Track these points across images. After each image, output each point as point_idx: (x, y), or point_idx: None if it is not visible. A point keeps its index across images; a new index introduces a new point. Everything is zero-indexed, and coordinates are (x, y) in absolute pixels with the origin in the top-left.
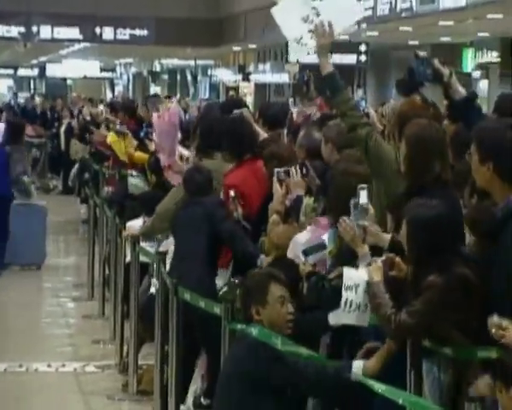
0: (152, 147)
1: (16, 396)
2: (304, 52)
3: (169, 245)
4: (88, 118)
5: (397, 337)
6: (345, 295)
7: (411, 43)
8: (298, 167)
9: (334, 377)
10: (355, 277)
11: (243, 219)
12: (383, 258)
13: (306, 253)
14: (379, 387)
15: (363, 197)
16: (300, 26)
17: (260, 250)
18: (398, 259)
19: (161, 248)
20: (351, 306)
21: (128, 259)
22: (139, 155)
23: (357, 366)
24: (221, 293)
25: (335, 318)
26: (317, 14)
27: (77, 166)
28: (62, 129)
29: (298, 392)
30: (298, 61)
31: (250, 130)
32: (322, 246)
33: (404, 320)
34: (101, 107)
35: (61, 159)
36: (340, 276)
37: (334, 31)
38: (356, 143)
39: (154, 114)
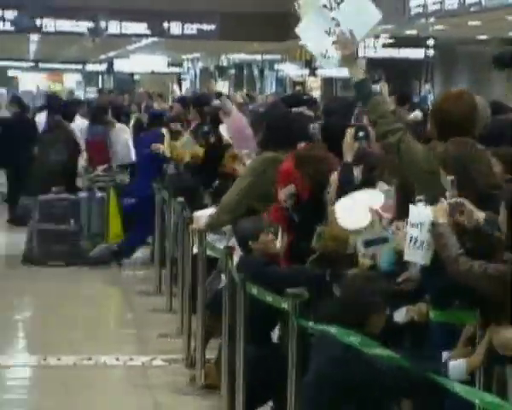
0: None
1: (85, 389)
2: (331, 65)
3: None
4: None
5: (461, 280)
6: (410, 231)
7: (479, 37)
8: None
9: (420, 378)
10: (421, 214)
11: (292, 210)
12: (451, 200)
13: (367, 244)
14: (456, 386)
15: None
16: (325, 40)
17: (316, 240)
18: (469, 206)
19: (230, 243)
20: (415, 243)
21: (195, 251)
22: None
23: (457, 365)
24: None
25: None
26: (337, 25)
27: None
28: (131, 124)
29: (382, 393)
30: (365, 56)
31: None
32: (384, 239)
33: (482, 268)
34: (170, 102)
35: None
36: (408, 280)
37: (356, 38)
38: (388, 150)
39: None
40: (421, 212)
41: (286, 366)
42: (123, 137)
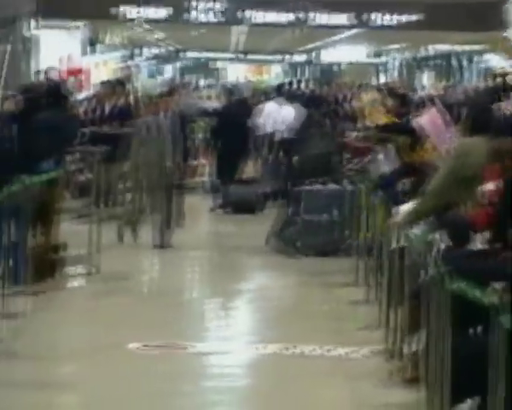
0: None
1: (285, 378)
2: None
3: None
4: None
5: None
6: None
7: None
8: None
9: None
10: None
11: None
12: None
13: None
14: None
15: None
16: None
17: None
18: None
19: (433, 236)
20: None
21: (393, 245)
22: None
23: None
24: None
25: None
26: None
27: None
28: None
29: None
30: None
31: None
32: None
33: None
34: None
35: None
36: None
37: None
38: None
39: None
40: None
41: (491, 362)
42: None
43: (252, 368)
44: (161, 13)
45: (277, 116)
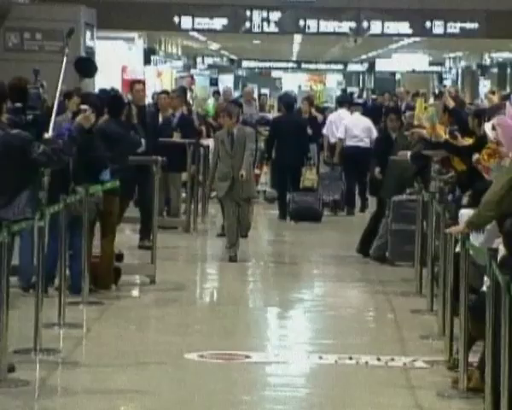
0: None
1: (346, 388)
2: None
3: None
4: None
5: None
6: None
7: None
8: None
9: None
10: None
11: None
12: None
13: None
14: None
15: None
16: None
17: None
18: None
19: (494, 245)
20: None
21: (457, 250)
22: None
23: None
24: None
25: None
26: None
27: None
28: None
29: None
30: None
31: None
32: None
33: None
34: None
35: None
36: None
37: None
38: None
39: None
40: None
41: None
42: None
43: (312, 378)
44: (218, 23)
45: (346, 125)
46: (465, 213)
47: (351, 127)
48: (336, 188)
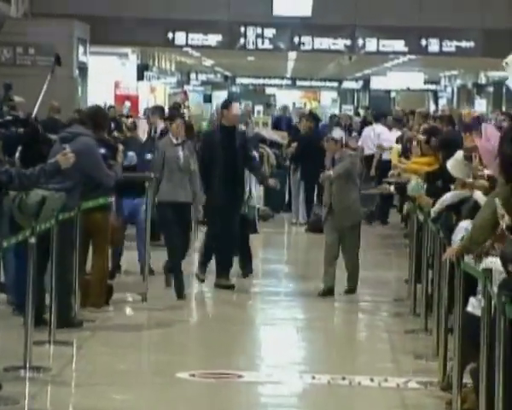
0: None
1: (340, 408)
2: None
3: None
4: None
5: None
6: None
7: None
8: None
9: None
10: None
11: None
12: None
13: None
14: None
15: None
16: None
17: None
18: None
19: (488, 264)
20: None
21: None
22: None
23: None
24: None
25: None
26: None
27: None
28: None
29: None
30: None
31: None
32: None
33: None
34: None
35: None
36: None
37: None
38: None
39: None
40: None
41: None
42: None
43: (305, 398)
44: (212, 40)
45: (384, 139)
46: (462, 227)
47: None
48: (371, 200)
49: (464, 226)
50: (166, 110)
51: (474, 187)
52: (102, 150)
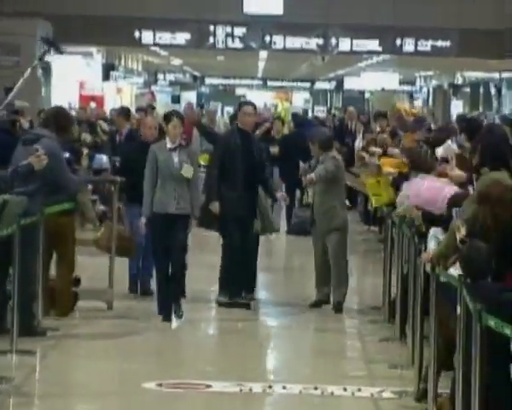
0: None
1: None
2: None
3: None
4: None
5: None
6: None
7: None
8: None
9: None
10: None
11: None
12: None
13: None
14: None
15: None
16: None
17: None
18: None
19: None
20: None
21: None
22: None
23: None
24: None
25: None
26: None
27: None
28: (356, 143)
29: None
30: None
31: None
32: None
33: None
34: None
35: None
36: None
37: None
38: None
39: None
40: None
41: None
42: None
43: (275, 409)
44: (180, 38)
45: None
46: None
47: None
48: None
49: (433, 234)
50: (133, 111)
51: (453, 178)
52: (67, 154)
